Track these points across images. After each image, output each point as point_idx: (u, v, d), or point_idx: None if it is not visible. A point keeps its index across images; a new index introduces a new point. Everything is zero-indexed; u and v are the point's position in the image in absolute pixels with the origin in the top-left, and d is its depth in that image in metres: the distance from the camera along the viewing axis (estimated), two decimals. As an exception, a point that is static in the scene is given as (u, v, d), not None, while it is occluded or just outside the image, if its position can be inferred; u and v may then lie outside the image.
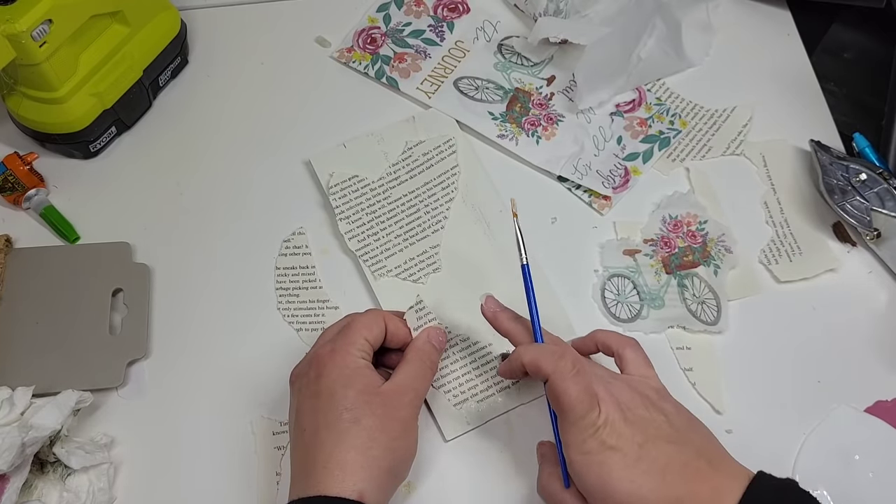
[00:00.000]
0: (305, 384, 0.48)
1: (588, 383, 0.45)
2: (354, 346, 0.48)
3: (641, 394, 0.46)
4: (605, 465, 0.43)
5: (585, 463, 0.44)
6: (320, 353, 0.49)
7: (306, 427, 0.46)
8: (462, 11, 0.71)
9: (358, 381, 0.47)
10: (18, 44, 0.54)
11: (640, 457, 0.44)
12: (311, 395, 0.47)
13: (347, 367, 0.47)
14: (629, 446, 0.44)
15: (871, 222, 0.58)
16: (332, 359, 0.48)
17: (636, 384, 0.47)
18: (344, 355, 0.48)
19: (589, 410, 0.44)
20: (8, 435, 0.47)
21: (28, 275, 0.58)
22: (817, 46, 0.70)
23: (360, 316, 0.51)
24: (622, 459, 0.43)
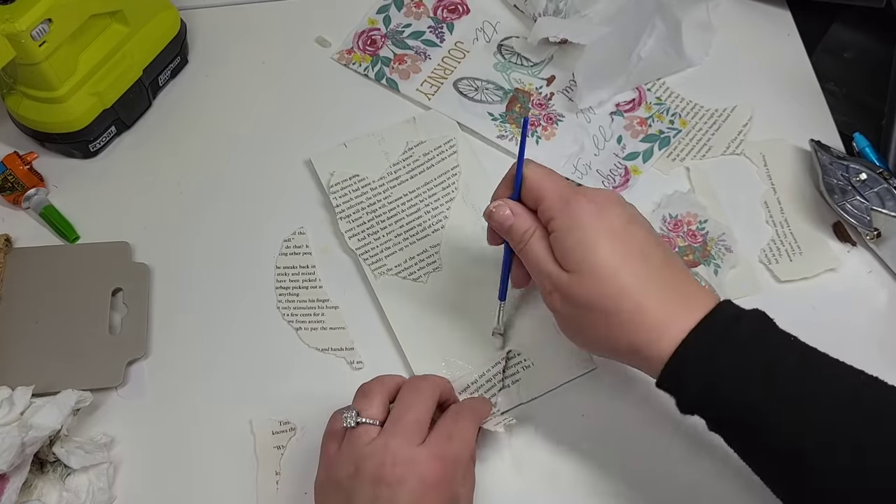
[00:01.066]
0: (372, 499, 0.43)
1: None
2: (459, 477, 0.46)
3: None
4: (588, 229, 0.44)
5: (567, 225, 0.44)
6: (386, 462, 0.43)
7: None
8: (462, 12, 0.71)
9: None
10: (18, 43, 0.54)
11: (626, 233, 0.45)
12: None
13: (424, 480, 0.44)
14: (618, 220, 0.45)
15: (871, 222, 0.58)
16: (442, 489, 0.44)
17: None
18: (453, 486, 0.45)
19: (569, 190, 0.46)
20: (8, 435, 0.47)
21: (28, 274, 0.58)
22: (817, 46, 0.70)
23: (415, 401, 0.47)
24: (608, 228, 0.44)
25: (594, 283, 0.43)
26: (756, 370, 0.42)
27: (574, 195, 0.45)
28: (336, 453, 0.46)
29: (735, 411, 0.42)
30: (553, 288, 0.45)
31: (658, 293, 0.43)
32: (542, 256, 0.46)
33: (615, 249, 0.44)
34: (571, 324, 0.46)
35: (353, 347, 0.57)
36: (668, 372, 0.43)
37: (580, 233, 0.44)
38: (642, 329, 0.43)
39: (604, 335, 0.45)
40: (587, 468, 0.53)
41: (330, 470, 0.46)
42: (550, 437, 0.54)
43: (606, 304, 0.43)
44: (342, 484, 0.44)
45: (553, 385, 0.55)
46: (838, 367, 0.43)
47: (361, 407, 0.47)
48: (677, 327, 0.43)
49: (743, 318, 0.43)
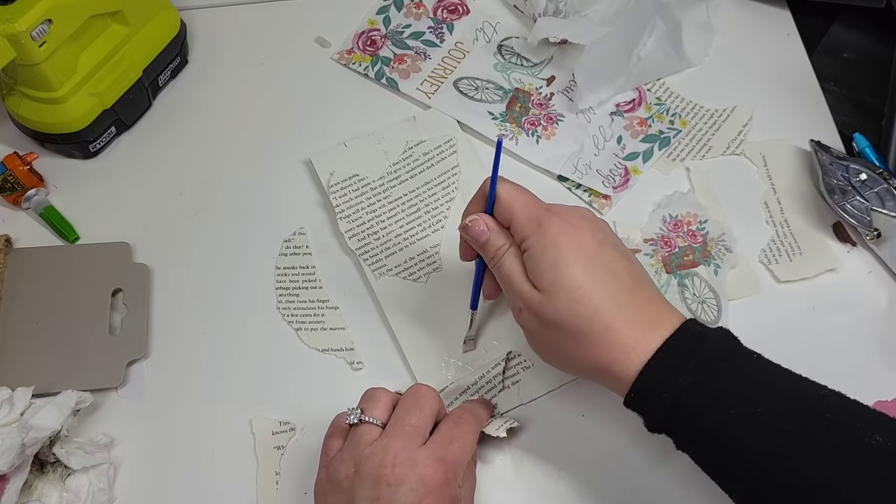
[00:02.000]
0: (372, 499, 0.43)
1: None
2: (459, 479, 0.46)
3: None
4: (561, 249, 0.44)
5: (541, 245, 0.45)
6: (387, 462, 0.44)
7: None
8: (461, 13, 0.71)
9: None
10: (18, 44, 0.54)
11: (597, 253, 0.45)
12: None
13: (424, 481, 0.44)
14: (590, 239, 0.45)
15: (871, 222, 0.58)
16: (442, 491, 0.44)
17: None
18: (453, 488, 0.45)
19: (545, 210, 0.46)
20: (8, 435, 0.47)
21: (28, 275, 0.58)
22: (817, 46, 0.70)
23: (417, 404, 0.47)
24: (581, 248, 0.44)
25: (565, 302, 0.44)
26: (720, 389, 0.42)
27: (547, 215, 0.46)
28: (337, 453, 0.46)
29: (700, 430, 0.42)
30: (524, 306, 0.46)
31: (627, 313, 0.44)
32: (515, 274, 0.46)
33: (587, 269, 0.44)
34: (541, 342, 0.47)
35: (354, 348, 0.57)
36: (635, 391, 0.43)
37: (553, 252, 0.44)
38: (611, 349, 0.43)
39: (573, 354, 0.45)
40: (587, 469, 0.53)
41: (330, 470, 0.46)
42: (550, 438, 0.54)
43: (577, 323, 0.44)
44: (342, 484, 0.45)
45: (553, 386, 0.55)
46: (800, 383, 0.43)
47: (366, 407, 0.47)
48: (644, 347, 0.43)
49: (707, 336, 0.44)
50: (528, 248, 0.45)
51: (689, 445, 0.44)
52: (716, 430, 0.42)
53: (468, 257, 0.52)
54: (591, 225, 0.46)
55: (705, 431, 0.42)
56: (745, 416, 0.41)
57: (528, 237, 0.45)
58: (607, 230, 0.47)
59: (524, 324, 0.47)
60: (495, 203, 0.47)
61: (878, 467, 0.40)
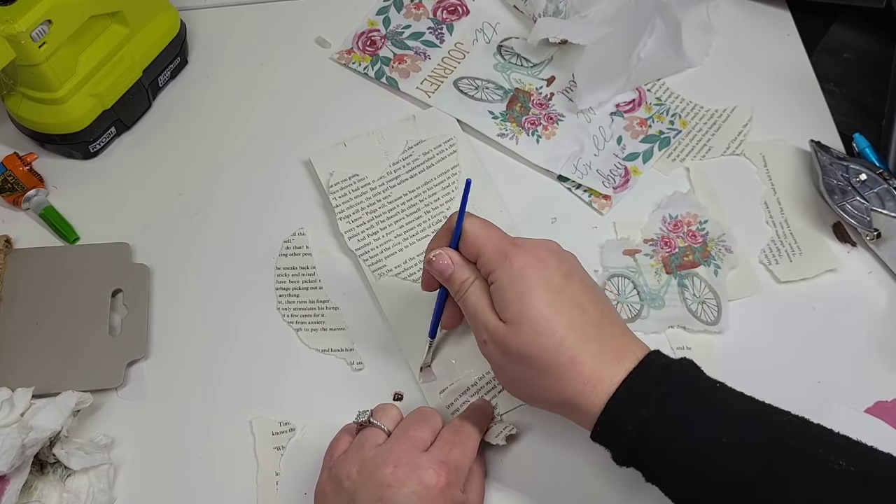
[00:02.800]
0: (375, 499, 0.44)
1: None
2: (461, 483, 0.47)
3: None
4: (527, 281, 0.44)
5: (508, 277, 0.45)
6: (389, 463, 0.45)
7: None
8: (461, 13, 0.71)
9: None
10: (18, 44, 0.54)
11: (563, 286, 0.45)
12: None
13: (426, 483, 0.44)
14: (556, 273, 0.45)
15: (871, 222, 0.58)
16: (444, 494, 0.45)
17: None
18: (454, 492, 0.45)
19: (511, 243, 0.46)
20: (8, 436, 0.47)
21: (28, 275, 0.58)
22: (817, 46, 0.70)
23: (423, 419, 0.48)
24: (547, 282, 0.44)
25: (531, 335, 0.44)
26: (684, 419, 0.42)
27: (514, 248, 0.46)
28: (341, 455, 0.47)
29: (667, 461, 0.42)
30: (489, 338, 0.46)
31: (592, 346, 0.44)
32: (481, 306, 0.46)
33: (552, 302, 0.44)
34: (507, 374, 0.47)
35: (354, 348, 0.57)
36: (601, 425, 0.43)
37: (520, 284, 0.44)
38: (577, 382, 0.43)
39: (538, 387, 0.45)
40: (587, 469, 0.53)
41: (333, 470, 0.46)
42: (549, 438, 0.54)
43: (542, 355, 0.44)
44: (344, 484, 0.45)
45: (553, 386, 0.55)
46: (764, 410, 0.43)
47: (375, 412, 0.49)
48: (609, 380, 0.43)
49: (671, 367, 0.44)
50: (495, 281, 0.45)
51: (657, 478, 0.44)
52: (682, 462, 0.42)
53: (430, 287, 0.52)
54: (558, 258, 0.46)
55: (672, 463, 0.42)
56: (711, 446, 0.41)
57: (494, 270, 0.45)
58: (574, 263, 0.48)
59: (489, 356, 0.47)
60: (462, 237, 0.48)
61: (843, 492, 0.40)
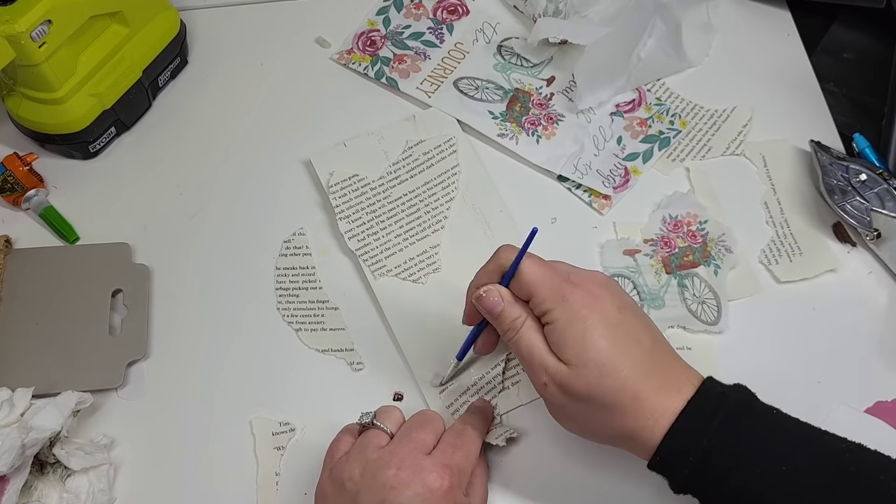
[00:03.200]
0: (378, 501, 0.44)
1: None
2: (464, 486, 0.47)
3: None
4: (587, 321, 0.44)
5: (566, 318, 0.44)
6: (392, 465, 0.45)
7: None
8: (461, 13, 0.71)
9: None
10: (18, 44, 0.54)
11: (620, 322, 0.45)
12: None
13: (429, 486, 0.45)
14: (612, 308, 0.45)
15: (871, 223, 0.58)
16: (447, 497, 0.45)
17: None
18: (457, 495, 0.46)
19: (566, 282, 0.46)
20: (8, 436, 0.47)
21: (28, 275, 0.58)
22: (817, 46, 0.70)
23: (425, 422, 0.49)
24: (605, 319, 0.44)
25: (594, 376, 0.43)
26: (745, 447, 0.42)
27: (569, 287, 0.45)
28: (343, 456, 0.47)
29: (728, 489, 0.42)
30: (550, 380, 0.45)
31: (652, 379, 0.44)
32: (537, 347, 0.46)
33: (613, 340, 0.44)
34: (566, 413, 0.47)
35: (353, 348, 0.57)
36: (661, 455, 0.44)
37: (580, 325, 0.44)
38: (639, 417, 0.44)
39: (600, 424, 0.45)
40: (587, 469, 0.53)
41: (335, 471, 0.46)
42: (550, 439, 0.54)
43: (605, 396, 0.44)
44: (346, 486, 0.45)
45: (553, 386, 0.55)
46: (822, 436, 0.44)
47: (378, 414, 0.49)
48: (670, 411, 0.43)
49: (727, 395, 0.44)
50: (552, 322, 0.45)
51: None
52: (743, 489, 0.42)
53: (472, 322, 0.52)
54: (610, 292, 0.46)
55: (733, 491, 0.42)
56: (772, 474, 0.42)
57: (551, 310, 0.45)
58: (623, 294, 0.47)
59: (549, 397, 0.46)
60: (516, 276, 0.47)
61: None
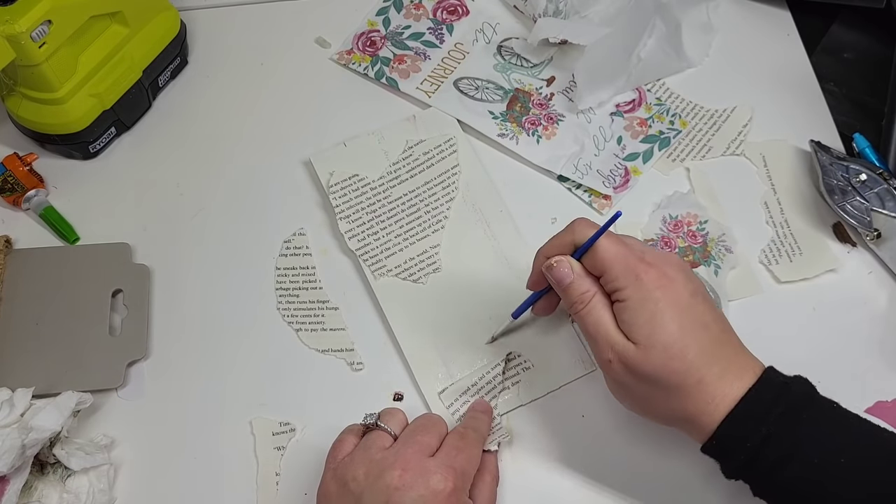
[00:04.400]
0: (382, 502, 0.44)
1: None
2: (467, 489, 0.47)
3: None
4: (659, 303, 0.44)
5: (639, 297, 0.44)
6: (396, 466, 0.45)
7: None
8: (461, 14, 0.71)
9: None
10: (18, 44, 0.54)
11: (691, 306, 0.45)
12: None
13: (433, 488, 0.44)
14: (684, 291, 0.45)
15: (871, 223, 0.58)
16: (450, 499, 0.45)
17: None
18: (461, 497, 0.46)
19: (641, 260, 0.45)
20: (8, 436, 0.47)
21: (28, 276, 0.58)
22: (817, 46, 0.70)
23: (429, 425, 0.49)
24: (676, 303, 0.44)
25: (662, 357, 0.43)
26: (803, 438, 0.43)
27: (644, 266, 0.45)
28: (346, 456, 0.47)
29: (782, 478, 0.43)
30: (616, 358, 0.45)
31: (717, 365, 0.44)
32: (605, 323, 0.45)
33: (683, 324, 0.44)
34: (628, 391, 0.46)
35: (353, 348, 0.57)
36: (717, 439, 0.44)
37: (652, 306, 0.44)
38: (700, 401, 0.44)
39: (661, 405, 0.45)
40: (587, 469, 0.53)
41: (339, 471, 0.46)
42: (551, 439, 0.54)
43: (671, 378, 0.44)
44: (349, 486, 0.45)
45: (553, 386, 0.55)
46: (881, 431, 0.44)
47: (382, 415, 0.49)
48: (730, 396, 0.43)
49: (790, 385, 0.44)
50: (624, 300, 0.45)
51: (768, 493, 0.44)
52: (799, 479, 0.42)
53: (536, 287, 0.51)
54: (684, 276, 0.46)
55: (787, 480, 0.43)
56: (829, 465, 0.42)
57: (623, 288, 0.45)
58: (695, 279, 0.47)
59: (612, 373, 0.46)
60: (590, 251, 0.46)
61: None
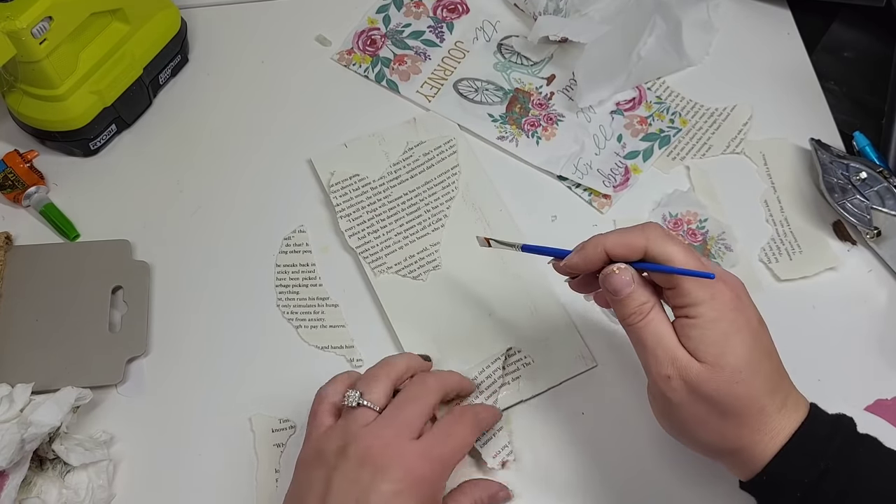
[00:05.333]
0: (353, 479, 0.43)
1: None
2: (445, 479, 0.46)
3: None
4: (733, 324, 0.42)
5: (713, 315, 0.42)
6: (375, 447, 0.44)
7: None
8: (461, 12, 0.71)
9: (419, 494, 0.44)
10: (19, 41, 0.54)
11: (760, 333, 0.43)
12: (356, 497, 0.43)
13: (409, 474, 0.43)
14: (754, 315, 0.43)
15: (871, 221, 0.58)
16: (421, 487, 0.44)
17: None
18: (437, 486, 0.45)
19: (715, 279, 0.43)
20: (7, 432, 0.47)
21: (28, 272, 0.58)
22: (817, 45, 0.70)
23: (418, 395, 0.47)
24: (749, 326, 0.42)
25: (727, 381, 0.41)
26: (860, 473, 0.42)
27: (720, 285, 0.43)
28: (328, 428, 0.46)
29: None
30: (677, 374, 0.42)
31: (777, 397, 0.43)
32: (667, 337, 0.43)
33: (752, 349, 0.42)
34: (677, 413, 0.43)
35: (353, 345, 0.57)
36: (769, 474, 0.43)
37: (725, 326, 0.42)
38: (757, 432, 0.42)
39: (714, 431, 0.43)
40: (586, 466, 0.53)
41: (320, 443, 0.46)
42: (550, 435, 0.54)
43: (734, 403, 0.42)
44: (326, 457, 0.44)
45: (553, 382, 0.55)
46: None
47: (365, 389, 0.47)
48: (786, 430, 0.42)
49: (841, 420, 0.44)
50: (696, 317, 0.42)
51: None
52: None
53: (577, 271, 0.47)
54: (751, 300, 0.44)
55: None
56: (886, 499, 0.41)
57: (696, 304, 0.42)
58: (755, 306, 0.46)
59: (668, 391, 0.43)
60: (664, 262, 0.43)
61: None
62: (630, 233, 0.44)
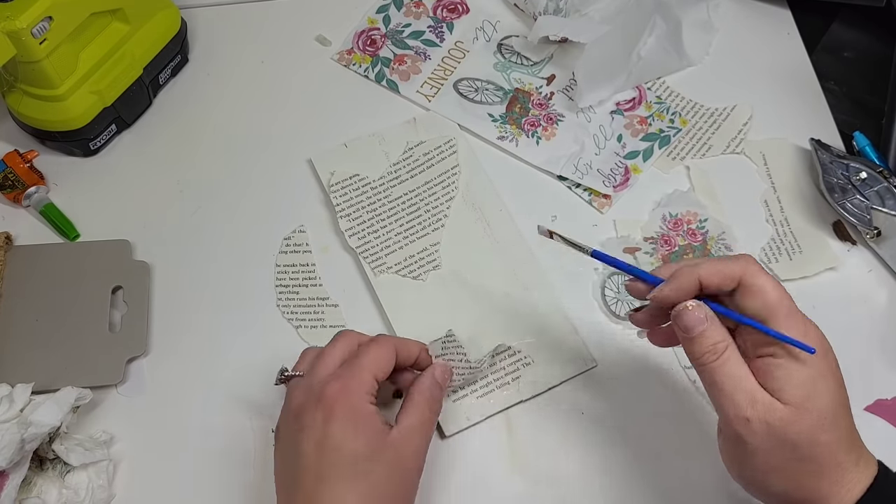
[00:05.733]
0: (310, 425, 0.44)
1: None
2: (364, 388, 0.45)
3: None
4: (823, 368, 0.41)
5: (802, 359, 0.40)
6: (328, 394, 0.44)
7: (307, 473, 0.43)
8: (461, 12, 0.71)
9: (368, 429, 0.44)
10: (18, 41, 0.54)
11: (842, 383, 0.42)
12: (316, 441, 0.44)
13: (358, 412, 0.44)
14: (836, 362, 0.42)
15: (871, 221, 0.58)
16: (340, 402, 0.44)
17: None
18: (354, 398, 0.44)
19: (804, 317, 0.42)
20: (7, 431, 0.47)
21: (28, 272, 0.58)
22: (817, 45, 0.70)
23: (370, 350, 0.47)
24: (836, 374, 0.41)
25: (812, 426, 0.40)
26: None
27: (811, 326, 0.42)
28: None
29: None
30: (758, 416, 0.40)
31: (854, 451, 0.42)
32: (745, 377, 0.41)
33: (836, 398, 0.41)
34: (754, 458, 0.41)
35: (353, 345, 0.57)
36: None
37: (812, 370, 0.40)
38: (836, 483, 0.41)
39: (791, 479, 0.41)
40: (586, 466, 0.53)
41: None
42: (550, 435, 0.54)
43: (817, 450, 0.40)
44: (280, 431, 0.47)
45: (553, 382, 0.55)
46: None
47: (297, 364, 0.50)
48: (861, 485, 0.41)
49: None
50: (785, 357, 0.41)
51: None
52: None
53: (647, 326, 0.46)
54: (831, 347, 0.43)
55: None
56: None
57: (786, 344, 0.41)
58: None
59: (747, 435, 0.40)
60: (754, 293, 0.41)
61: None
62: (725, 262, 0.42)
